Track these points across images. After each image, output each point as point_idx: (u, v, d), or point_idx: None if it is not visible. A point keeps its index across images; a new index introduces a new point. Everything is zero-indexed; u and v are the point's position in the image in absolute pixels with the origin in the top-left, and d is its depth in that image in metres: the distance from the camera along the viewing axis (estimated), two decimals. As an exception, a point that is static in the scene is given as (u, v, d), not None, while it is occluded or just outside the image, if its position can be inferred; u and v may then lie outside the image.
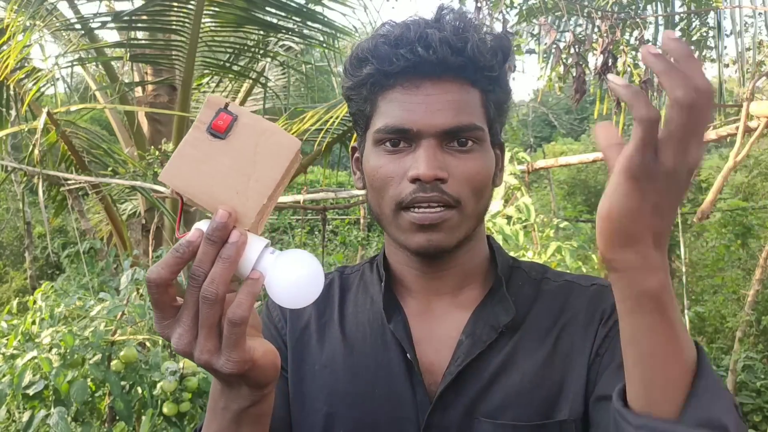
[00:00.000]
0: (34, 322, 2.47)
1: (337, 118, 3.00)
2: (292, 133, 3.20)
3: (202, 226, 0.58)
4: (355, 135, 0.88)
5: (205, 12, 3.57)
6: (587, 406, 0.75)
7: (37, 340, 2.26)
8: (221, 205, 0.57)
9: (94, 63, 4.60)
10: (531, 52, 3.85)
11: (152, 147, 3.54)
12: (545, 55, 3.55)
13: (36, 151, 3.45)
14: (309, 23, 3.98)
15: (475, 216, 0.77)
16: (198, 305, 0.56)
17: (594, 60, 3.05)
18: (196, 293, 0.56)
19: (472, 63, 0.74)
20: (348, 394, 0.79)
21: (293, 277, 0.58)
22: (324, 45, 4.26)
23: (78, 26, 4.07)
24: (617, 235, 0.51)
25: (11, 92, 4.16)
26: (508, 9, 3.33)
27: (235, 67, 4.27)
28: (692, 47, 3.49)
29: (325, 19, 3.92)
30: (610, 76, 0.51)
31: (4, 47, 3.62)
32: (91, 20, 3.90)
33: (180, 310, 0.58)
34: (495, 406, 0.75)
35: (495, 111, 0.79)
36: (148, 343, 2.41)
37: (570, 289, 0.82)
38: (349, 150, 0.88)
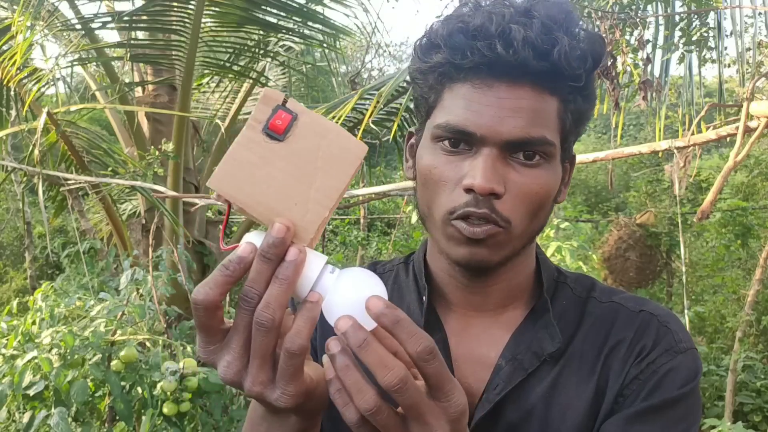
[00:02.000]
0: (34, 322, 2.47)
1: (339, 118, 3.00)
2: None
3: (254, 239, 0.52)
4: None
5: (205, 12, 3.57)
6: None
7: (37, 341, 2.27)
8: (278, 218, 0.51)
9: (95, 63, 4.60)
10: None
11: (152, 147, 3.54)
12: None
13: (36, 151, 3.45)
14: (309, 23, 3.98)
15: (525, 235, 0.71)
16: (250, 330, 0.51)
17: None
18: (248, 317, 0.50)
19: (556, 69, 0.66)
20: None
21: (356, 299, 0.52)
22: (324, 45, 4.26)
23: (78, 26, 4.07)
24: None
25: (12, 92, 4.16)
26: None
27: (235, 67, 4.27)
28: (692, 47, 3.49)
29: (325, 19, 3.92)
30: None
31: (5, 47, 3.62)
32: (92, 20, 3.90)
33: (229, 335, 0.52)
34: None
35: (572, 123, 0.71)
36: (148, 343, 2.41)
37: (617, 313, 0.75)
38: (406, 135, 0.81)
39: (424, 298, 0.76)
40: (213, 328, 0.52)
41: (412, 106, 0.81)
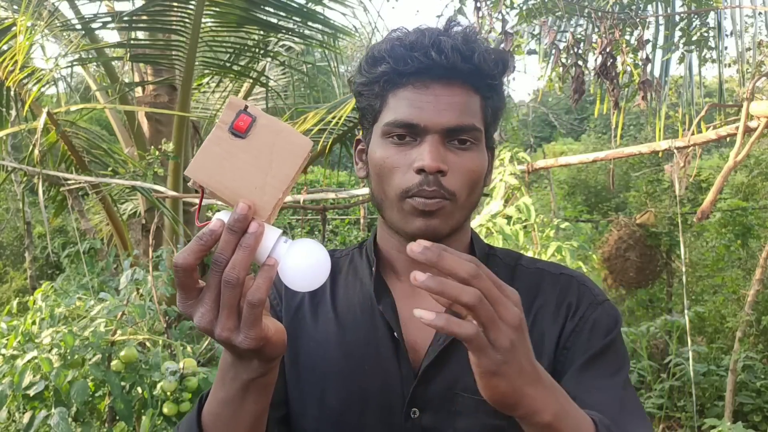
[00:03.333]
0: (34, 323, 2.47)
1: (339, 118, 3.00)
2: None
3: (222, 216, 0.63)
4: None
5: (205, 12, 3.57)
6: None
7: (37, 341, 2.26)
8: (241, 199, 0.63)
9: (95, 63, 4.60)
10: (532, 52, 3.85)
11: (152, 147, 3.53)
12: (545, 56, 3.55)
13: (36, 151, 3.45)
14: (309, 23, 3.98)
15: (466, 208, 0.86)
16: (219, 288, 0.62)
17: (594, 60, 3.05)
18: (218, 277, 0.62)
19: (478, 70, 0.82)
20: (340, 369, 0.87)
21: (304, 263, 0.64)
22: (324, 45, 4.26)
23: (78, 26, 4.07)
24: (500, 404, 0.63)
25: (12, 92, 4.16)
26: (508, 9, 3.33)
27: (235, 67, 4.27)
28: (692, 47, 3.49)
29: (325, 19, 3.92)
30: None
31: (5, 47, 3.62)
32: (92, 20, 3.90)
33: (202, 292, 0.64)
34: (474, 383, 0.79)
35: (491, 116, 0.87)
36: (148, 343, 2.41)
37: (541, 276, 0.91)
38: (354, 142, 0.96)
39: (373, 268, 0.90)
40: (190, 286, 0.63)
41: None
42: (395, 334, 0.86)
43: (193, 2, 3.49)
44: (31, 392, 2.05)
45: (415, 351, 0.85)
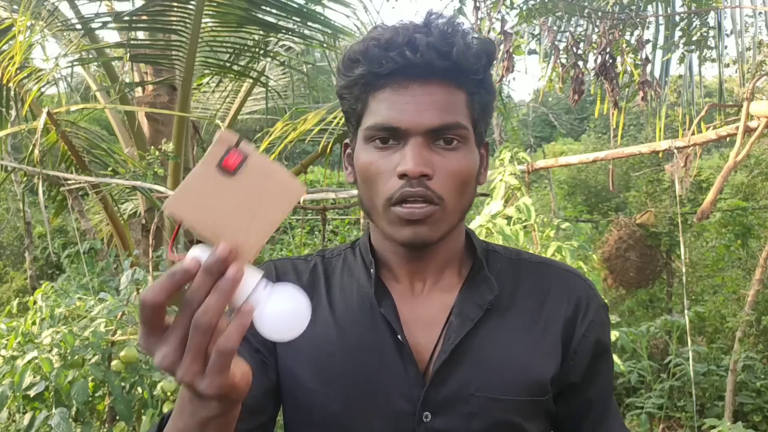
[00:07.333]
0: (34, 323, 2.47)
1: (340, 118, 3.00)
2: (296, 134, 3.20)
3: (199, 253, 0.59)
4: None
5: (205, 12, 3.57)
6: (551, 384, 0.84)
7: (37, 341, 2.26)
8: (223, 238, 0.58)
9: (95, 63, 4.60)
10: (532, 52, 3.85)
11: (152, 147, 3.53)
12: (545, 56, 3.55)
13: (36, 151, 3.45)
14: (309, 23, 3.98)
15: (457, 212, 0.82)
16: (188, 329, 0.58)
17: (594, 60, 3.05)
18: (188, 318, 0.57)
19: (457, 66, 0.78)
20: (342, 373, 0.84)
21: (283, 312, 0.60)
22: (324, 45, 4.26)
23: (78, 26, 4.07)
24: None
25: (12, 92, 4.16)
26: (508, 10, 3.33)
27: (235, 67, 4.27)
28: (692, 47, 3.49)
29: (326, 19, 3.91)
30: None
31: (5, 47, 3.62)
32: (92, 20, 3.90)
33: (168, 331, 0.59)
34: (489, 382, 0.81)
35: (480, 112, 0.83)
36: (148, 344, 2.40)
37: (548, 269, 0.90)
38: (343, 146, 0.93)
39: (371, 270, 0.87)
40: (156, 324, 0.58)
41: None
42: (399, 336, 0.83)
43: (193, 2, 3.49)
44: (32, 393, 2.05)
45: (417, 353, 0.83)
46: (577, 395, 0.88)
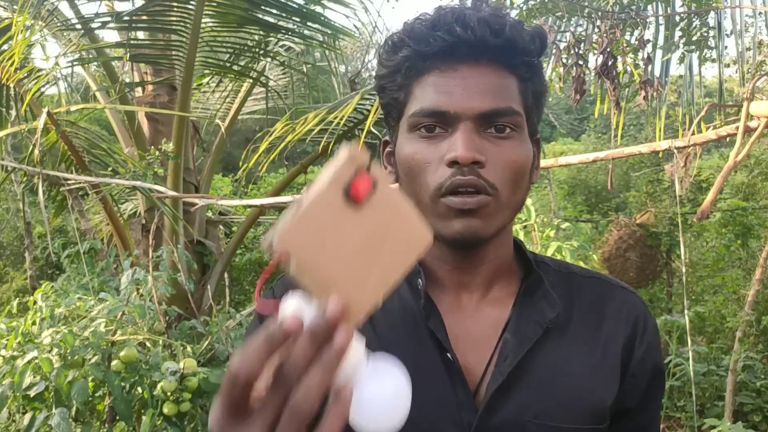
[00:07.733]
0: (34, 323, 2.47)
1: (341, 118, 3.00)
2: (296, 134, 3.20)
3: (297, 308, 0.46)
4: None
5: (205, 12, 3.56)
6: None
7: (37, 341, 2.26)
8: (334, 291, 0.45)
9: (95, 63, 4.60)
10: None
11: (152, 147, 3.53)
12: (546, 56, 3.54)
13: (36, 151, 3.45)
14: (309, 24, 3.98)
15: (510, 207, 0.74)
16: (280, 412, 0.45)
17: (594, 60, 3.06)
18: (281, 399, 0.45)
19: (511, 45, 0.72)
20: None
21: (381, 397, 0.46)
22: (324, 45, 4.26)
23: (78, 26, 4.06)
24: None
25: (11, 92, 4.15)
26: (508, 10, 3.33)
27: (235, 67, 4.26)
28: (692, 47, 3.49)
29: (326, 19, 3.91)
30: None
31: (5, 47, 3.62)
32: (92, 20, 3.89)
33: (257, 413, 0.46)
34: (548, 408, 0.73)
35: (533, 101, 0.76)
36: (148, 343, 2.41)
37: (601, 284, 0.83)
38: (381, 144, 0.84)
39: (419, 280, 0.77)
40: (243, 404, 0.46)
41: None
42: (448, 354, 0.73)
43: (193, 2, 3.49)
44: (32, 393, 2.05)
45: (468, 373, 0.74)
46: (631, 421, 0.81)
